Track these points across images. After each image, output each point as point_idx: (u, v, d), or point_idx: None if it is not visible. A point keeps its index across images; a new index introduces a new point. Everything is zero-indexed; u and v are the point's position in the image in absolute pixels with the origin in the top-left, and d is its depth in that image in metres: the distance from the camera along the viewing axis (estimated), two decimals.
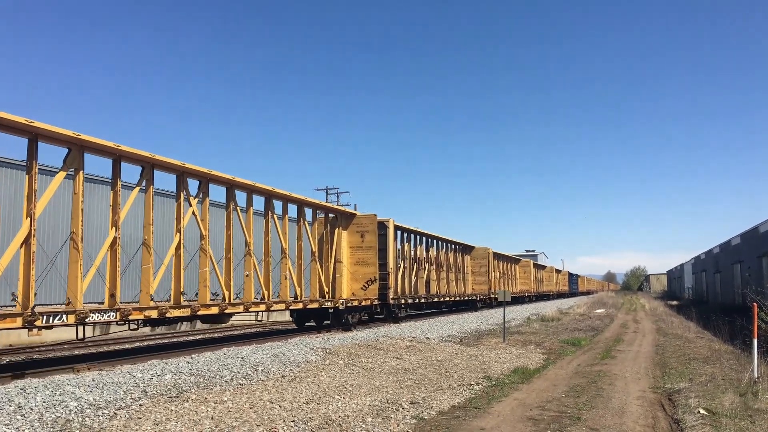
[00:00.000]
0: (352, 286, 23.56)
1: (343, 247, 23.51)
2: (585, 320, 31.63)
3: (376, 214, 24.18)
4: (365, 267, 23.82)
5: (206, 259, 15.70)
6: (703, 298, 60.81)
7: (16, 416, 7.25)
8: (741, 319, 18.60)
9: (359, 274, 23.83)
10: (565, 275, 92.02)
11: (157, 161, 14.18)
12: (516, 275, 53.22)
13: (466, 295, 37.81)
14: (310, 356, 13.28)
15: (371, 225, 23.96)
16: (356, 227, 23.96)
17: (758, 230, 35.40)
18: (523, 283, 55.93)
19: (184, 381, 9.92)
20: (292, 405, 8.83)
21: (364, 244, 23.85)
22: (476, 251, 41.63)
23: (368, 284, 23.65)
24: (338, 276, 22.99)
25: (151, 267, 13.71)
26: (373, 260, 23.64)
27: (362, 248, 23.88)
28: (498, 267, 45.49)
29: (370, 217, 24.16)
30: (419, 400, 9.58)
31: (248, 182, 17.50)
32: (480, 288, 41.01)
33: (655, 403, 9.96)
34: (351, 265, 23.86)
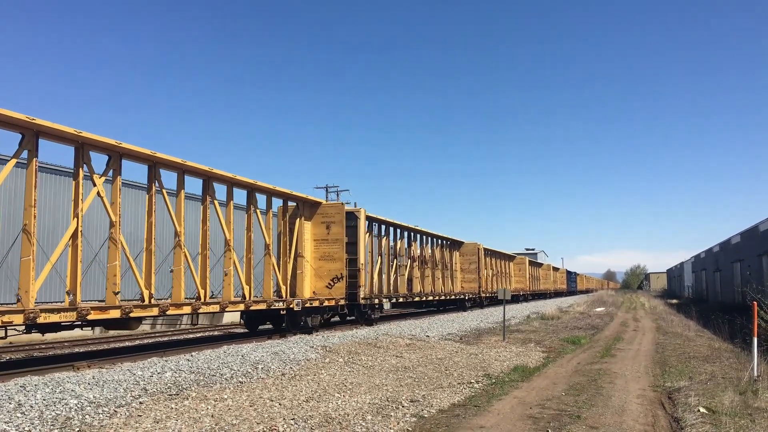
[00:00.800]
0: (315, 284, 20.84)
1: (306, 239, 20.71)
2: (585, 319, 31.64)
3: (343, 203, 21.72)
4: (331, 262, 21.00)
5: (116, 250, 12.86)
6: (703, 296, 60.83)
7: (16, 414, 7.26)
8: (741, 318, 18.61)
9: (324, 270, 21.02)
10: (563, 273, 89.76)
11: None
12: (510, 273, 51.23)
13: (453, 293, 35.50)
14: (310, 354, 13.28)
15: (338, 215, 21.20)
16: (321, 217, 21.17)
17: (758, 229, 35.39)
18: (518, 282, 53.80)
19: (185, 379, 9.93)
20: (292, 403, 8.83)
21: (330, 236, 21.08)
22: (465, 247, 39.07)
23: (334, 282, 20.86)
24: (299, 273, 20.18)
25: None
26: (339, 255, 20.91)
27: (328, 241, 21.12)
28: (490, 264, 43.43)
29: (336, 206, 21.54)
30: (419, 398, 9.58)
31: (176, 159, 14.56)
32: (469, 286, 38.56)
33: (655, 402, 9.96)
34: (315, 261, 21.08)
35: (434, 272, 32.88)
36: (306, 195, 20.63)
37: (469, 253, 38.96)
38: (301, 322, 19.13)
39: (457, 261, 37.77)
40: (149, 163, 14.18)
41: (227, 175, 16.38)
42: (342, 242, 20.97)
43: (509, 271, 50.89)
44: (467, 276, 38.69)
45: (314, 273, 21.06)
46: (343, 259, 20.93)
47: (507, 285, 47.84)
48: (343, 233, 20.97)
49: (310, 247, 21.03)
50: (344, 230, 20.97)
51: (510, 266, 51.48)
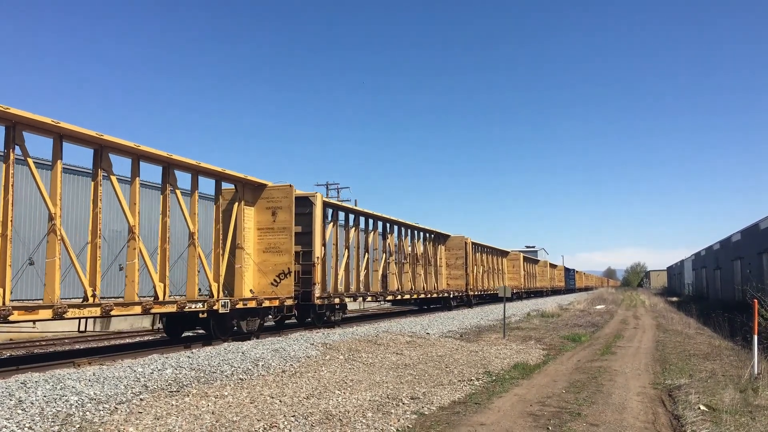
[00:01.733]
0: (259, 281, 17.65)
1: (247, 228, 17.48)
2: (585, 316, 31.65)
3: (291, 185, 18.15)
4: (277, 255, 17.76)
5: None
6: (703, 294, 60.82)
7: (16, 410, 7.26)
8: (741, 316, 18.60)
9: (269, 265, 17.72)
10: (561, 270, 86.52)
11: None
12: (503, 270, 48.28)
13: (437, 291, 32.43)
14: (310, 351, 13.29)
15: (285, 199, 17.92)
16: (267, 202, 18.00)
17: (758, 227, 35.37)
18: (512, 279, 50.83)
19: (185, 375, 9.93)
20: (293, 400, 8.84)
21: (276, 224, 17.86)
22: (452, 241, 35.76)
23: (280, 278, 17.68)
24: (238, 268, 16.93)
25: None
26: (287, 246, 17.68)
27: (274, 230, 17.90)
28: (480, 260, 40.21)
29: (283, 188, 18.01)
30: (419, 395, 9.59)
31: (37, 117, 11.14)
32: (456, 284, 35.40)
33: (656, 399, 9.96)
34: (258, 253, 17.89)
35: (415, 268, 29.96)
36: (246, 175, 17.21)
37: (456, 248, 35.73)
38: (234, 326, 16.05)
39: (442, 256, 34.82)
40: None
41: (128, 144, 13.04)
42: (290, 231, 17.80)
43: (503, 268, 48.20)
44: (453, 272, 35.65)
45: (257, 268, 17.77)
46: (291, 251, 17.72)
47: (500, 282, 45.44)
48: (291, 221, 17.84)
49: (252, 237, 17.85)
50: (293, 217, 17.88)
51: (503, 262, 48.95)
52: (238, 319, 16.19)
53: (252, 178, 17.55)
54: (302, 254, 18.95)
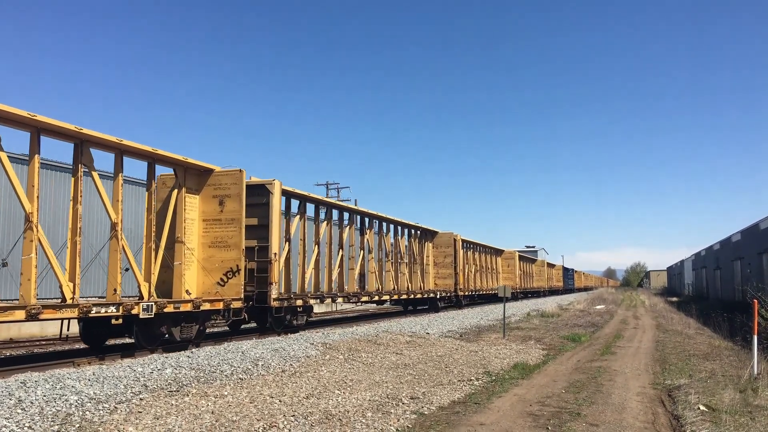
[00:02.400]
0: (204, 280, 15.44)
1: (189, 219, 15.27)
2: (585, 316, 31.65)
3: (242, 170, 15.90)
4: (224, 251, 15.55)
5: None
6: (703, 294, 60.82)
7: (16, 410, 7.26)
8: (741, 316, 18.61)
9: (215, 261, 15.53)
10: (559, 270, 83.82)
11: None
12: (498, 269, 46.46)
13: (421, 292, 30.19)
14: (310, 351, 13.29)
15: (235, 187, 15.66)
16: (213, 190, 15.76)
17: (758, 227, 35.36)
18: (506, 279, 48.57)
19: (185, 375, 9.93)
20: (293, 400, 8.84)
21: (223, 215, 15.64)
22: (440, 238, 33.61)
23: (228, 277, 15.53)
24: (178, 265, 14.77)
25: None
26: (236, 240, 15.48)
27: (221, 222, 15.65)
28: (472, 258, 38.16)
29: (232, 174, 15.79)
30: (419, 395, 9.59)
31: None
32: (444, 283, 33.32)
33: (655, 399, 9.96)
34: (204, 249, 15.64)
35: (398, 267, 27.98)
36: (187, 157, 14.91)
37: (444, 245, 33.63)
38: (165, 333, 13.91)
39: (429, 254, 32.76)
40: None
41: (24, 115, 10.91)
42: (239, 223, 15.58)
43: (496, 267, 46.35)
44: (442, 271, 33.53)
45: (201, 266, 15.53)
46: (240, 246, 15.54)
47: (494, 282, 43.95)
48: (241, 211, 15.64)
49: (196, 230, 15.62)
50: (243, 207, 15.69)
51: (498, 261, 47.02)
52: (170, 325, 13.88)
53: (195, 161, 15.24)
54: (258, 250, 16.98)
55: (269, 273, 16.91)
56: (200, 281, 15.52)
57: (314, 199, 20.59)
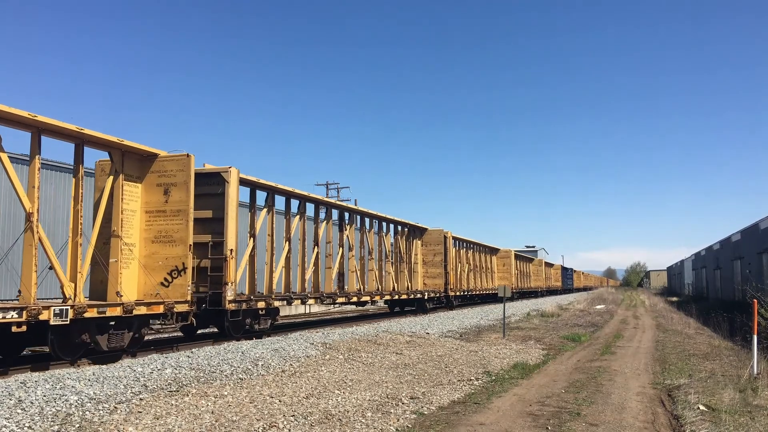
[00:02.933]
0: (146, 280, 13.68)
1: (129, 210, 13.54)
2: (585, 316, 31.66)
3: (190, 154, 14.10)
4: (169, 247, 13.87)
5: None
6: (703, 294, 60.81)
7: (16, 410, 7.26)
8: (741, 316, 18.62)
9: (159, 258, 13.84)
10: (558, 270, 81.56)
11: None
12: (492, 268, 44.71)
13: (409, 292, 28.52)
14: (310, 351, 13.29)
15: (182, 174, 13.92)
16: (158, 177, 14.02)
17: (758, 227, 35.36)
18: (502, 278, 46.75)
19: (185, 375, 9.93)
20: (292, 399, 8.84)
21: (169, 206, 13.93)
22: (429, 235, 31.90)
23: (172, 276, 13.85)
24: (114, 263, 12.98)
25: None
26: (182, 235, 13.80)
27: (166, 214, 13.95)
28: (464, 257, 36.51)
29: (178, 159, 13.99)
30: (419, 395, 9.59)
31: None
32: (433, 283, 31.63)
33: (655, 399, 9.97)
34: (147, 244, 13.91)
35: (383, 265, 26.33)
36: (123, 139, 13.02)
37: (434, 243, 31.84)
38: (89, 342, 12.02)
39: (418, 252, 30.95)
40: None
41: None
42: (186, 215, 13.87)
43: (492, 267, 44.64)
44: (431, 270, 31.82)
45: (143, 263, 13.81)
46: (186, 241, 13.81)
47: (488, 282, 42.48)
48: (188, 201, 13.92)
49: (138, 223, 13.88)
50: (190, 196, 13.98)
51: (493, 260, 45.19)
52: (94, 332, 12.02)
53: (135, 144, 13.42)
54: (212, 246, 15.32)
55: (224, 272, 15.16)
56: (141, 281, 13.76)
57: (284, 191, 18.68)
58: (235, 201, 15.79)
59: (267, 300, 17.07)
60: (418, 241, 31.18)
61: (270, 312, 17.56)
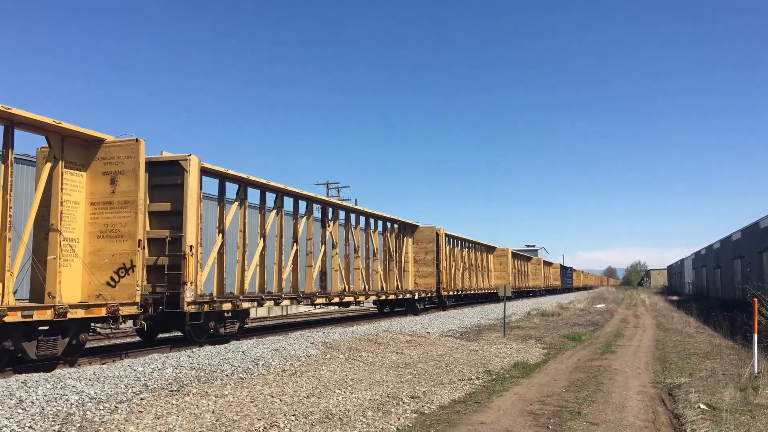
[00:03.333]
0: (90, 279, 12.31)
1: (70, 202, 12.29)
2: (585, 315, 31.66)
3: (139, 139, 12.72)
4: (117, 242, 12.51)
5: None
6: (704, 293, 60.82)
7: (17, 410, 7.27)
8: (741, 315, 18.62)
9: (105, 255, 12.46)
10: (557, 268, 79.69)
11: None
12: (489, 267, 43.62)
13: (398, 291, 27.23)
14: (310, 350, 13.30)
15: (130, 161, 12.63)
16: (104, 165, 12.66)
17: (759, 225, 35.36)
18: (498, 277, 45.45)
19: (185, 375, 9.94)
20: (293, 399, 8.85)
21: (116, 197, 12.61)
22: (421, 232, 30.58)
23: (119, 275, 12.46)
24: (52, 259, 11.71)
25: None
26: (130, 229, 12.45)
27: (113, 206, 12.64)
28: (459, 255, 35.32)
29: (127, 145, 12.68)
30: (420, 394, 9.59)
31: None
32: (425, 282, 30.41)
33: (656, 398, 9.97)
34: (92, 239, 12.60)
35: (370, 264, 25.32)
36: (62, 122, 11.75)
37: (425, 241, 30.60)
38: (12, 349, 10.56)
39: (409, 251, 29.74)
40: None
41: None
42: (135, 206, 12.54)
43: (488, 265, 43.54)
44: (423, 269, 30.48)
45: (87, 261, 12.53)
46: (135, 236, 12.44)
47: (484, 281, 41.44)
48: (137, 191, 12.56)
49: (82, 215, 12.64)
50: (140, 185, 12.63)
51: (489, 259, 44.09)
52: (19, 339, 10.67)
53: (76, 127, 12.13)
54: (170, 242, 14.01)
55: (183, 270, 13.79)
56: (85, 281, 12.46)
57: (258, 183, 17.25)
58: (196, 192, 14.38)
59: (233, 301, 15.55)
60: (409, 239, 29.93)
61: (238, 314, 16.14)
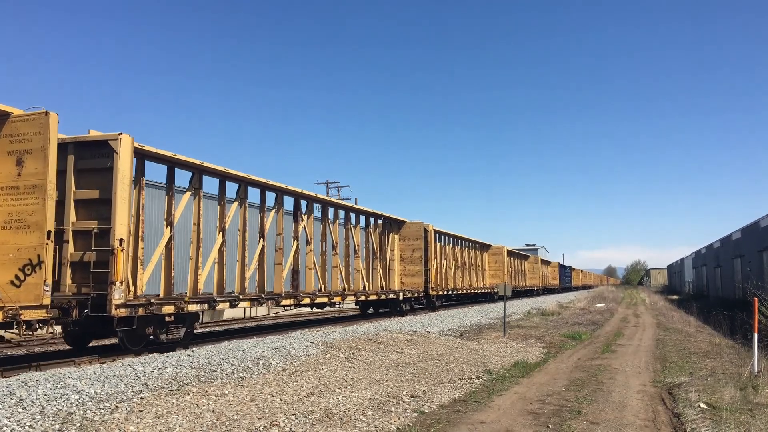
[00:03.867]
0: None
1: None
2: (585, 314, 31.66)
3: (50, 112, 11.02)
4: (22, 234, 10.87)
5: None
6: (704, 292, 60.80)
7: (17, 409, 7.27)
8: (741, 314, 18.62)
9: (9, 249, 10.85)
10: (555, 267, 77.35)
11: None
12: (483, 266, 41.96)
13: (381, 292, 25.24)
14: (310, 350, 13.30)
15: (39, 138, 10.97)
16: (9, 143, 11.12)
17: (759, 225, 35.35)
18: (493, 276, 43.87)
19: (185, 374, 9.94)
20: (293, 398, 8.85)
21: (22, 180, 11.02)
22: (408, 229, 28.66)
23: (26, 273, 10.71)
24: None
25: None
26: (38, 218, 10.76)
27: (19, 191, 11.03)
28: (450, 253, 33.89)
29: (36, 120, 11.05)
30: (420, 393, 9.60)
31: None
32: (412, 281, 28.53)
33: (656, 397, 9.97)
34: None
35: (350, 261, 23.81)
36: None
37: (413, 237, 28.69)
38: None
39: (395, 248, 28.10)
40: None
41: None
42: (44, 192, 10.80)
43: (482, 264, 41.95)
44: (410, 268, 28.62)
45: None
46: (43, 226, 10.73)
47: (478, 280, 40.07)
48: (46, 174, 10.86)
49: None
50: (49, 167, 10.87)
51: (484, 257, 42.48)
52: None
53: None
54: (97, 235, 12.17)
55: (111, 267, 11.90)
56: None
57: (215, 170, 15.55)
58: (128, 178, 12.48)
59: (177, 303, 13.55)
60: (395, 236, 28.07)
61: (183, 318, 14.04)
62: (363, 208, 25.08)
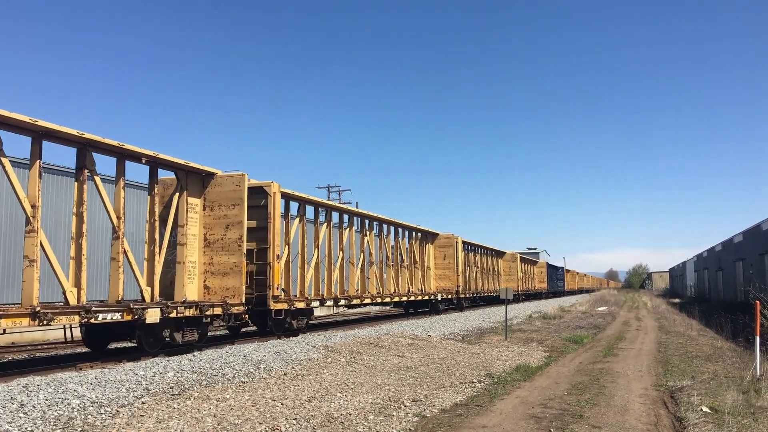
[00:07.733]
0: None
1: None
2: (587, 318, 31.62)
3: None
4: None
5: None
6: (705, 295, 60.72)
7: (18, 414, 7.27)
8: (743, 317, 18.58)
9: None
10: (543, 268, 66.67)
11: None
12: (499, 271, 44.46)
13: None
14: (312, 354, 13.28)
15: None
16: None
17: (761, 228, 35.31)
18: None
19: (187, 379, 9.93)
20: (294, 403, 8.84)
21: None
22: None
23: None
24: None
25: None
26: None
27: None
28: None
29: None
30: (421, 397, 9.58)
31: None
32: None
33: (658, 401, 9.95)
34: None
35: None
36: None
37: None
38: None
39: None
40: None
41: None
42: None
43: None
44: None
45: None
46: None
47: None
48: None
49: None
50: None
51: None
52: None
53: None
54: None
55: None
56: None
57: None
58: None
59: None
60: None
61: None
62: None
